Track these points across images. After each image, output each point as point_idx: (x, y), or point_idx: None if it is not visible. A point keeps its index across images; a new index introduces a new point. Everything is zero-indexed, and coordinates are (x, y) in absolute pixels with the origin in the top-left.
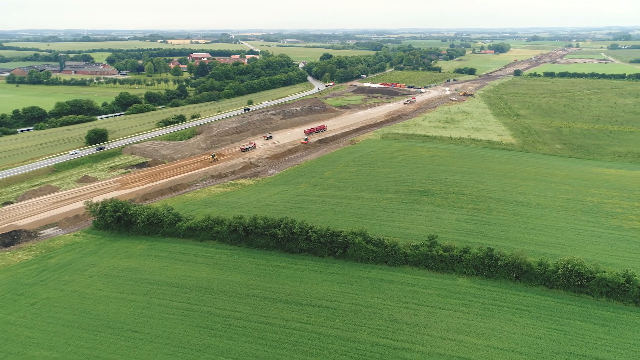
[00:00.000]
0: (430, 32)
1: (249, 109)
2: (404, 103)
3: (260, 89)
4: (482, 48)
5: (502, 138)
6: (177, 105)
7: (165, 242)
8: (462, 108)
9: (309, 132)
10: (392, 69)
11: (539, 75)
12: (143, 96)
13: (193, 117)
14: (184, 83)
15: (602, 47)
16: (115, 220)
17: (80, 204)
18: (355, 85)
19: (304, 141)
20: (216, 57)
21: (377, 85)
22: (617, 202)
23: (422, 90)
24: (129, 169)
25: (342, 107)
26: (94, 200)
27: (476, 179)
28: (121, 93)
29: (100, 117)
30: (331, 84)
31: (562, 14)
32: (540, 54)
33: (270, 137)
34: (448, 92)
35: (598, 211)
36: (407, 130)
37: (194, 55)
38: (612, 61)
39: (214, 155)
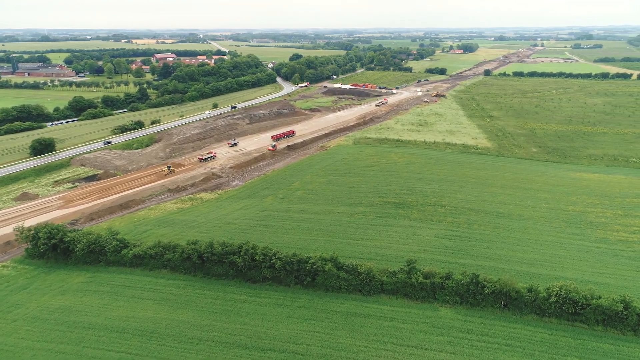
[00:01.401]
0: (399, 32)
1: (235, 109)
2: (376, 105)
3: (227, 91)
4: (451, 48)
5: (477, 141)
6: (137, 109)
7: (108, 272)
8: (434, 110)
9: (276, 138)
10: (363, 69)
11: (509, 75)
12: (100, 100)
13: (153, 122)
14: (145, 85)
15: (565, 47)
16: (50, 249)
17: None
18: (325, 87)
19: (271, 148)
20: (182, 58)
21: (348, 86)
22: (600, 210)
23: (394, 91)
24: (76, 183)
25: (312, 109)
26: (29, 223)
27: (453, 188)
28: (75, 97)
29: (50, 123)
30: (306, 84)
31: (526, 15)
32: (507, 54)
33: (235, 144)
34: (420, 93)
35: (582, 221)
36: (380, 135)
37: (158, 55)
38: (576, 60)
39: (170, 167)
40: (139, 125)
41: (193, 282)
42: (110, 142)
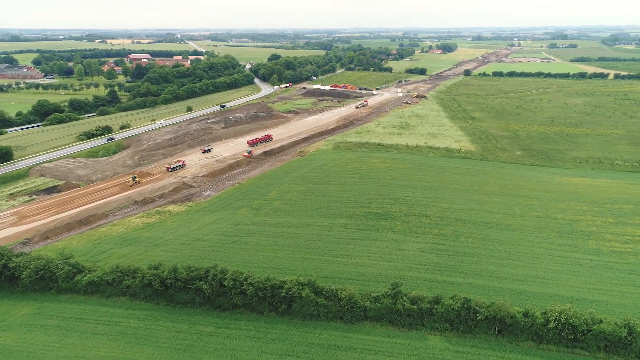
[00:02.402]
0: (379, 32)
1: (224, 108)
2: (356, 107)
3: (202, 93)
4: (430, 47)
5: (461, 145)
6: (106, 113)
7: (59, 302)
8: (416, 111)
9: (253, 143)
10: (343, 70)
11: (488, 75)
12: (67, 104)
13: (122, 127)
14: (116, 88)
15: (542, 46)
16: None
17: None
18: (304, 88)
19: (247, 154)
20: (157, 58)
21: (328, 88)
22: (590, 218)
23: (374, 92)
24: (33, 197)
25: (291, 112)
26: None
27: (438, 196)
28: (39, 101)
29: (11, 129)
30: (288, 85)
31: (502, 15)
32: (486, 53)
33: (208, 150)
34: (400, 94)
35: (572, 231)
36: (361, 138)
37: (132, 56)
38: (554, 60)
39: (135, 177)
40: (106, 130)
41: (155, 312)
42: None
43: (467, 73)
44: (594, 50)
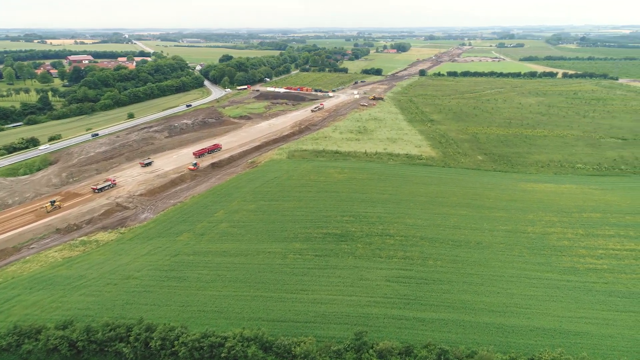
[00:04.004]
0: (334, 32)
1: (190, 108)
2: (312, 110)
3: (147, 97)
4: (385, 47)
5: (421, 150)
6: (35, 122)
7: None
8: (373, 114)
9: (199, 154)
10: (298, 71)
11: (443, 75)
12: None
13: (51, 139)
14: (49, 93)
15: (491, 46)
16: None
17: None
18: (258, 90)
19: (193, 167)
20: (100, 60)
21: (282, 90)
22: (560, 230)
23: (330, 94)
24: None
25: (243, 117)
26: None
27: (401, 211)
28: None
29: None
30: (246, 87)
31: (452, 15)
32: (439, 53)
33: (149, 164)
34: (357, 96)
35: (544, 246)
36: (317, 146)
37: (72, 57)
38: (504, 59)
39: (54, 202)
40: (32, 143)
41: None
42: None
43: (422, 73)
44: (540, 49)
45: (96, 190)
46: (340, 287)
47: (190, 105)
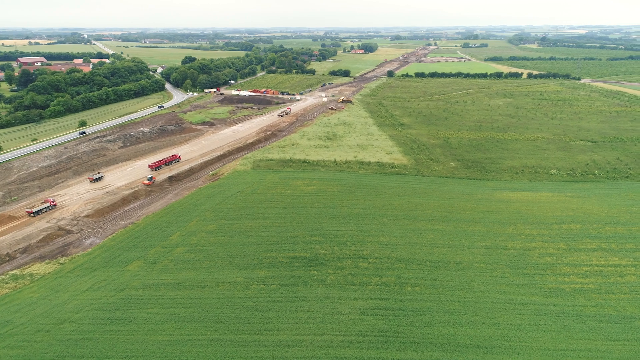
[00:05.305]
0: (300, 32)
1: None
2: (279, 115)
3: (102, 103)
4: (352, 47)
5: (393, 157)
6: None
7: None
8: (342, 118)
9: (155, 167)
10: (264, 72)
11: (411, 76)
12: None
13: None
14: None
15: (456, 46)
16: None
17: None
18: (222, 94)
19: (148, 181)
20: (53, 62)
21: (248, 93)
22: (541, 245)
23: (297, 97)
24: None
25: (205, 123)
26: None
27: (374, 227)
28: None
29: None
30: (216, 90)
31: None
32: (406, 53)
33: (99, 179)
34: (325, 99)
35: (526, 264)
36: (284, 154)
37: (23, 59)
38: (469, 59)
39: None
40: None
41: None
42: None
43: (390, 74)
44: (503, 49)
45: (31, 214)
46: (310, 325)
47: (162, 107)
